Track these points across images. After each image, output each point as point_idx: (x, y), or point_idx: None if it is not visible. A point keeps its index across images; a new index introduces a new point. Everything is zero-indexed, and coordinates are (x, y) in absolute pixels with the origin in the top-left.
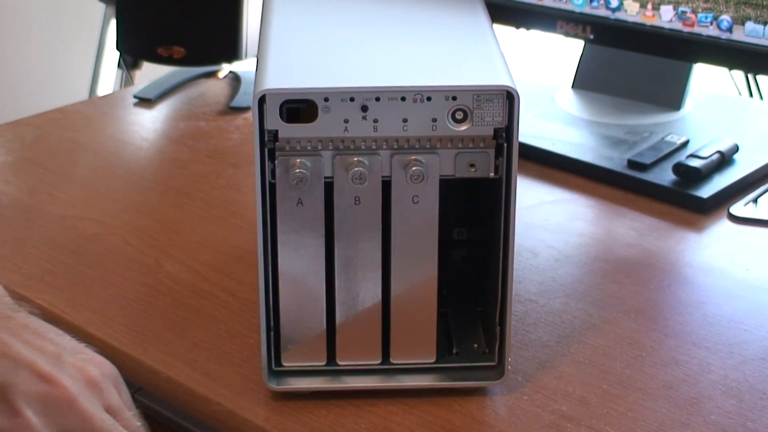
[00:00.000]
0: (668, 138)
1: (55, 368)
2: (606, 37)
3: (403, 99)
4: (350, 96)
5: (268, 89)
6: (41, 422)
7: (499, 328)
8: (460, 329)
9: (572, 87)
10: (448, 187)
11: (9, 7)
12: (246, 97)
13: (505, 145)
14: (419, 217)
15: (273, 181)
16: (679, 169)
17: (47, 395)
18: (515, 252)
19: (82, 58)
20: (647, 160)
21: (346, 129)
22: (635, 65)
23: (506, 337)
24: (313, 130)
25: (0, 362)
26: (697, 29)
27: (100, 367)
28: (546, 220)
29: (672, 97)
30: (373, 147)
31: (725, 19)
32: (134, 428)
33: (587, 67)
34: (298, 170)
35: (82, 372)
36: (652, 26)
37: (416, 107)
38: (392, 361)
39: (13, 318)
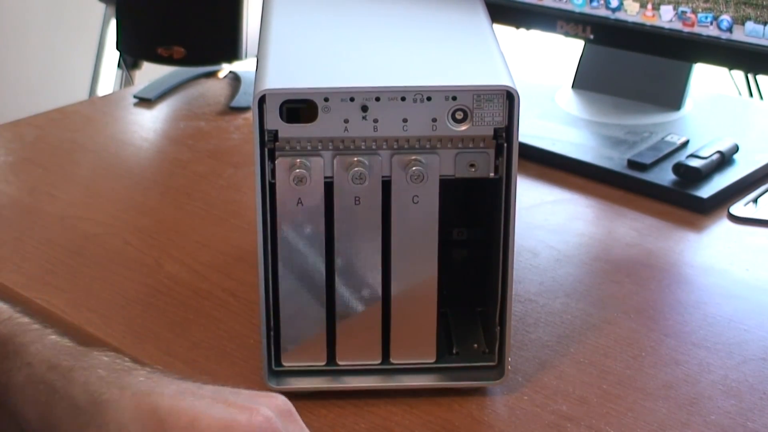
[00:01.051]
0: (668, 138)
1: (246, 400)
2: (606, 37)
3: (403, 99)
4: (350, 96)
5: (268, 89)
6: None
7: (499, 328)
8: (460, 329)
9: (572, 87)
10: (448, 187)
11: (9, 7)
12: (246, 97)
13: (505, 145)
14: (419, 217)
15: (273, 181)
16: (679, 169)
17: (251, 425)
18: (515, 252)
19: (82, 58)
20: (647, 160)
21: (346, 129)
22: (635, 65)
23: (506, 337)
24: (313, 130)
25: (190, 399)
26: (697, 29)
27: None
28: (546, 220)
29: (672, 97)
30: (373, 147)
31: (725, 19)
32: None
33: (587, 67)
34: (298, 170)
35: (274, 403)
36: (652, 26)
37: (416, 107)
38: (392, 361)
39: (169, 375)
